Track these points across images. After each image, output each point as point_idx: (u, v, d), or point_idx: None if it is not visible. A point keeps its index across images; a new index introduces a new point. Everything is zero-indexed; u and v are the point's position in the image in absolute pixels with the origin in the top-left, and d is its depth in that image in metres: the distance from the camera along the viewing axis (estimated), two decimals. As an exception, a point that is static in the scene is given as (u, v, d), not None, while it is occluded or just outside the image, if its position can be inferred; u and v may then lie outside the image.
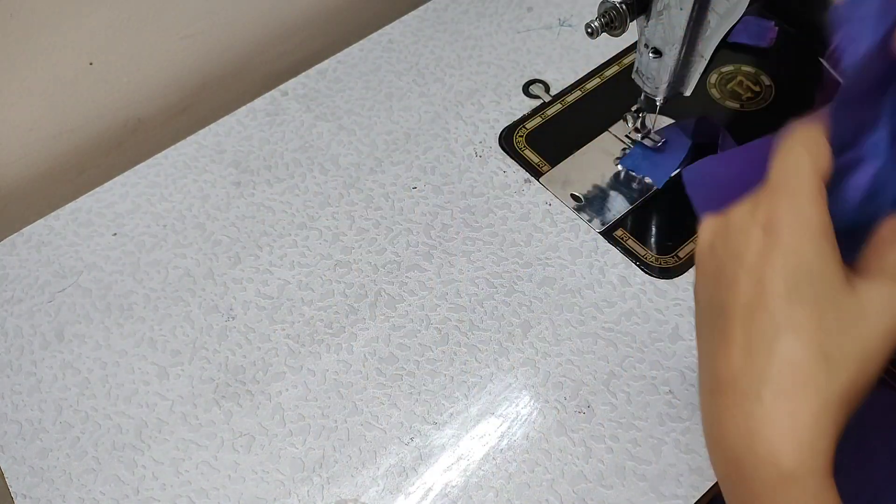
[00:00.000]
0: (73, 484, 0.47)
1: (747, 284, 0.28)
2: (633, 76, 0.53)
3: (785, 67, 0.63)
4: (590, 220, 0.55)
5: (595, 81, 0.64)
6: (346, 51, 0.68)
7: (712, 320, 0.30)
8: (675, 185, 0.57)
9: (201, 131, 0.63)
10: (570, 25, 0.68)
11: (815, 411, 0.27)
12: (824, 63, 0.34)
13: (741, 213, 0.30)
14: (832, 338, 0.27)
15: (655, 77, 0.51)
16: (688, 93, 0.51)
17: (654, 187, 0.57)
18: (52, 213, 0.59)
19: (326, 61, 0.67)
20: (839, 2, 0.32)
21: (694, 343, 0.49)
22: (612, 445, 0.46)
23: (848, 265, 0.29)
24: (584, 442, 0.46)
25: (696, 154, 0.57)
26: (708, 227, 0.32)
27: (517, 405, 0.48)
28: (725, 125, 0.57)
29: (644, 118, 0.56)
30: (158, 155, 0.62)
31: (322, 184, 0.59)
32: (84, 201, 0.60)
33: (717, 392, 0.29)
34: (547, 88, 0.64)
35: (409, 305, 0.52)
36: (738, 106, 0.61)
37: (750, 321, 0.28)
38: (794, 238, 0.27)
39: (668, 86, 0.50)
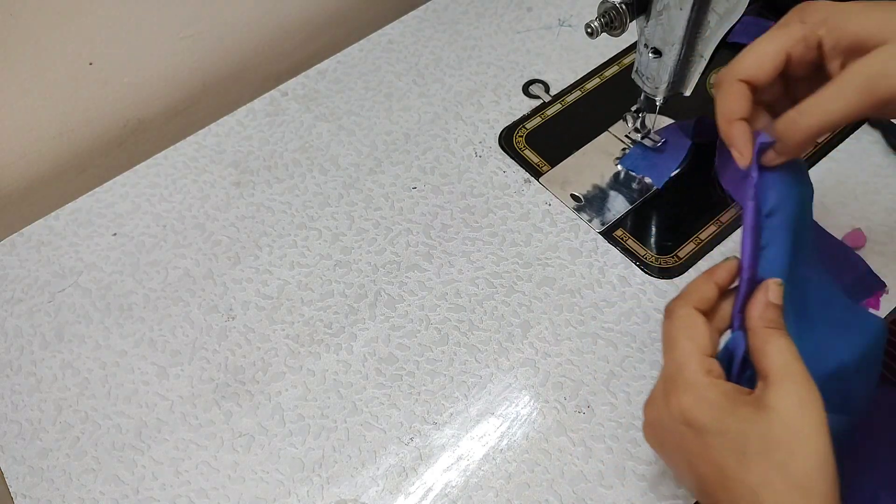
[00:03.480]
0: (73, 484, 0.47)
1: (708, 470, 0.33)
2: (632, 76, 0.53)
3: (785, 67, 0.63)
4: (590, 220, 0.55)
5: (595, 81, 0.64)
6: (346, 51, 0.68)
7: (695, 486, 0.36)
8: (675, 185, 0.57)
9: (201, 131, 0.63)
10: (569, 25, 0.68)
11: None
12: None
13: (661, 412, 0.36)
14: (792, 464, 0.31)
15: (655, 77, 0.51)
16: (688, 93, 0.51)
17: (654, 187, 0.57)
18: (52, 213, 0.59)
19: (326, 61, 0.67)
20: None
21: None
22: (612, 445, 0.46)
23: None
24: (584, 442, 0.46)
25: (695, 154, 0.57)
26: (645, 426, 0.38)
27: (517, 405, 0.48)
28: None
29: (644, 118, 0.56)
30: (158, 155, 0.62)
31: (322, 184, 0.59)
32: (84, 201, 0.60)
33: None
34: (547, 88, 0.64)
35: (409, 305, 0.52)
36: (737, 106, 0.61)
37: (729, 493, 0.33)
38: (714, 422, 0.33)
39: (667, 86, 0.50)
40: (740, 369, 0.37)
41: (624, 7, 0.47)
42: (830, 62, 0.35)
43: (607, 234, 0.55)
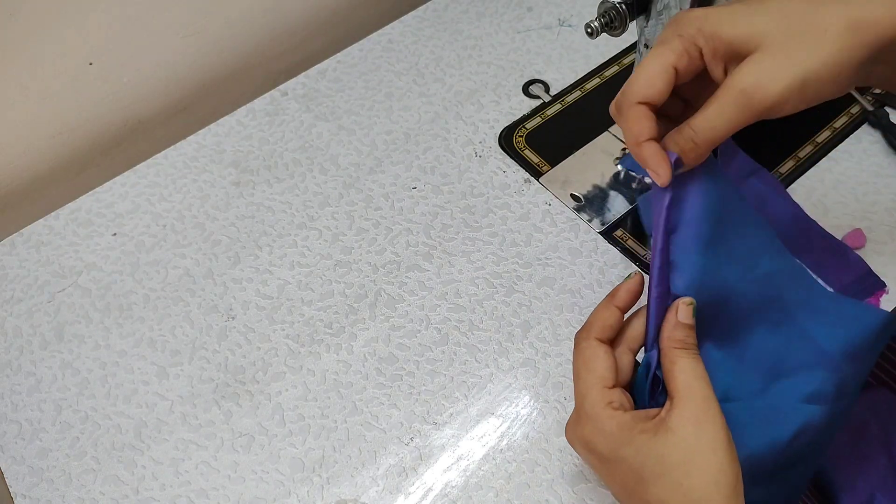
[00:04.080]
0: (73, 484, 0.47)
1: (614, 486, 0.37)
2: (632, 76, 0.53)
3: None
4: (590, 220, 0.55)
5: (595, 81, 0.64)
6: (346, 51, 0.68)
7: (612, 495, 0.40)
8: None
9: (201, 131, 0.63)
10: (569, 25, 0.68)
11: None
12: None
13: (573, 438, 0.38)
14: (686, 482, 0.33)
15: (655, 77, 0.50)
16: (688, 93, 0.51)
17: (654, 187, 0.56)
18: (52, 213, 0.59)
19: (326, 61, 0.67)
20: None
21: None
22: (611, 445, 0.46)
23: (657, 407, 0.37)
24: (583, 442, 0.46)
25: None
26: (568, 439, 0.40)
27: (517, 405, 0.48)
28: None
29: (644, 118, 0.56)
30: (158, 155, 0.62)
31: (322, 184, 0.59)
32: (84, 201, 0.60)
33: None
34: (547, 88, 0.64)
35: (409, 305, 0.52)
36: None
37: None
38: (612, 452, 0.35)
39: (667, 86, 0.50)
40: (652, 387, 0.39)
41: (624, 7, 0.47)
42: (713, 69, 0.37)
43: (607, 234, 0.55)
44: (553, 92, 0.64)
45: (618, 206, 0.56)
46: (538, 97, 0.63)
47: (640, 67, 0.38)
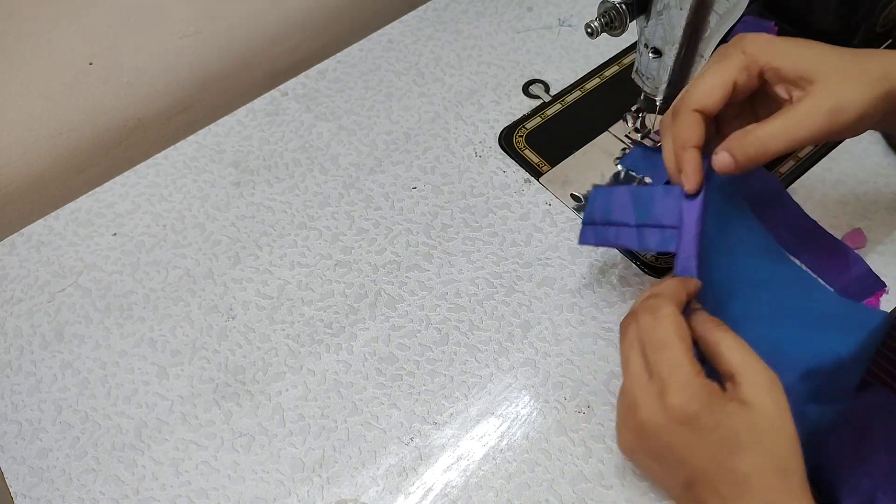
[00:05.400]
0: (73, 484, 0.47)
1: (701, 462, 0.35)
2: (633, 76, 0.53)
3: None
4: (590, 220, 0.55)
5: (595, 81, 0.64)
6: (346, 51, 0.68)
7: (680, 483, 0.37)
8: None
9: (201, 131, 0.63)
10: (569, 25, 0.68)
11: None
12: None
13: (653, 412, 0.36)
14: (775, 449, 0.34)
15: (655, 77, 0.51)
16: (688, 93, 0.51)
17: (654, 187, 0.56)
18: (52, 213, 0.59)
19: (326, 61, 0.67)
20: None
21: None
22: (611, 445, 0.46)
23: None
24: (584, 442, 0.46)
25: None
26: (628, 431, 0.39)
27: (517, 405, 0.48)
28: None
29: (644, 118, 0.56)
30: (158, 155, 0.62)
31: (322, 184, 0.59)
32: (84, 201, 0.60)
33: None
34: (547, 88, 0.64)
35: (409, 305, 0.52)
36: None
37: (717, 483, 0.35)
38: (709, 419, 0.35)
39: (667, 86, 0.50)
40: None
41: (624, 7, 0.47)
42: (776, 88, 0.40)
43: (607, 234, 0.55)
44: (553, 92, 0.64)
45: (618, 206, 0.56)
46: (538, 97, 0.63)
47: (701, 77, 0.40)
